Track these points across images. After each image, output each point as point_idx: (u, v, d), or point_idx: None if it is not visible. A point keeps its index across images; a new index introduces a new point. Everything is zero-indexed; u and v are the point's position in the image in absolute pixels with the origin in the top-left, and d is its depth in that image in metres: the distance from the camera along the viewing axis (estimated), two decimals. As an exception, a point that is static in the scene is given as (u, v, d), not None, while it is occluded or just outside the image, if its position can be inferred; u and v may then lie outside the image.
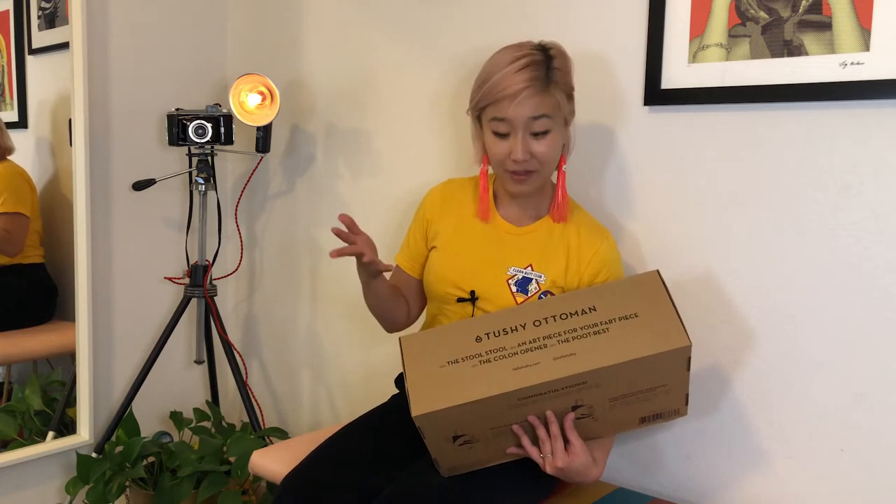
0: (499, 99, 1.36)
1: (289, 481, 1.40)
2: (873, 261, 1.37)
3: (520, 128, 1.37)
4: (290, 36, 2.24)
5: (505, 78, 1.35)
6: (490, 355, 1.28)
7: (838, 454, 1.43)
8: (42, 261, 2.11)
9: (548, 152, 1.39)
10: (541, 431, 1.27)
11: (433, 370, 1.29)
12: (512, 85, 1.34)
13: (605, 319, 1.27)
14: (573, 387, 1.23)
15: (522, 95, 1.34)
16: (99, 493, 1.95)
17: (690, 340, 1.21)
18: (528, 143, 1.38)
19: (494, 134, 1.40)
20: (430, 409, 1.23)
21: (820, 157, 1.41)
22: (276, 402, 2.43)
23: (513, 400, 1.23)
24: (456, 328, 1.35)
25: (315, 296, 2.28)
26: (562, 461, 1.26)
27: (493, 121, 1.39)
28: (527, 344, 1.27)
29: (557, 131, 1.40)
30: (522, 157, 1.38)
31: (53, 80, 2.06)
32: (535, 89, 1.35)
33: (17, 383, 2.16)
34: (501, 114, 1.37)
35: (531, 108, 1.35)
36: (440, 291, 1.51)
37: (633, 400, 1.27)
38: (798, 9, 1.40)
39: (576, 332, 1.26)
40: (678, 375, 1.25)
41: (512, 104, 1.35)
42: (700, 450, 1.59)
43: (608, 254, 1.46)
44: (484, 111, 1.41)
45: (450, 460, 1.32)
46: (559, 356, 1.23)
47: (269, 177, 2.35)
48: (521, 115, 1.36)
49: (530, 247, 1.48)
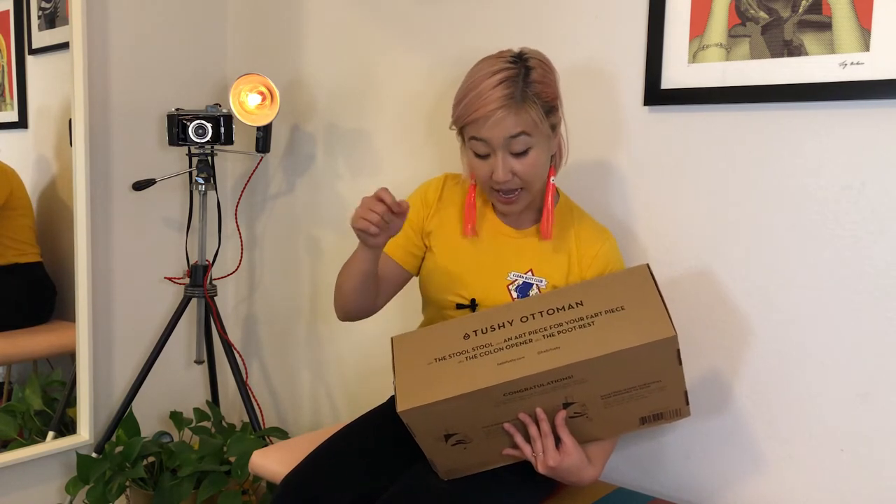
0: (474, 119, 1.32)
1: (289, 481, 1.39)
2: (873, 261, 1.37)
3: (498, 148, 1.33)
4: (290, 36, 2.24)
5: (479, 96, 1.31)
6: (476, 351, 1.28)
7: (838, 454, 1.43)
8: (39, 259, 2.11)
9: (530, 171, 1.35)
10: (532, 429, 1.26)
11: (420, 368, 1.29)
12: (486, 105, 1.30)
13: (592, 313, 1.26)
14: (559, 381, 1.22)
15: (496, 117, 1.30)
16: (99, 493, 1.95)
17: (676, 331, 1.19)
18: (508, 163, 1.34)
19: (475, 155, 1.37)
20: (413, 405, 1.23)
21: (820, 157, 1.41)
22: (276, 402, 2.43)
23: (498, 395, 1.23)
24: (446, 326, 1.35)
25: (315, 296, 2.28)
26: (553, 460, 1.25)
27: (472, 140, 1.36)
28: (513, 339, 1.27)
29: (540, 147, 1.35)
30: (504, 177, 1.34)
31: (53, 81, 2.06)
32: (508, 109, 1.29)
33: (17, 383, 2.16)
34: (478, 134, 1.33)
35: (506, 129, 1.31)
36: (439, 299, 1.49)
37: (626, 397, 1.26)
38: (798, 9, 1.40)
39: (561, 327, 1.26)
40: (670, 370, 1.24)
41: (486, 124, 1.31)
42: (700, 449, 1.59)
43: (610, 254, 1.45)
44: (464, 129, 1.38)
45: (446, 462, 1.32)
46: (543, 350, 1.23)
47: (269, 177, 2.35)
48: (496, 136, 1.32)
49: (529, 251, 1.46)
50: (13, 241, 2.06)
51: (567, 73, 1.65)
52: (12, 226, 2.05)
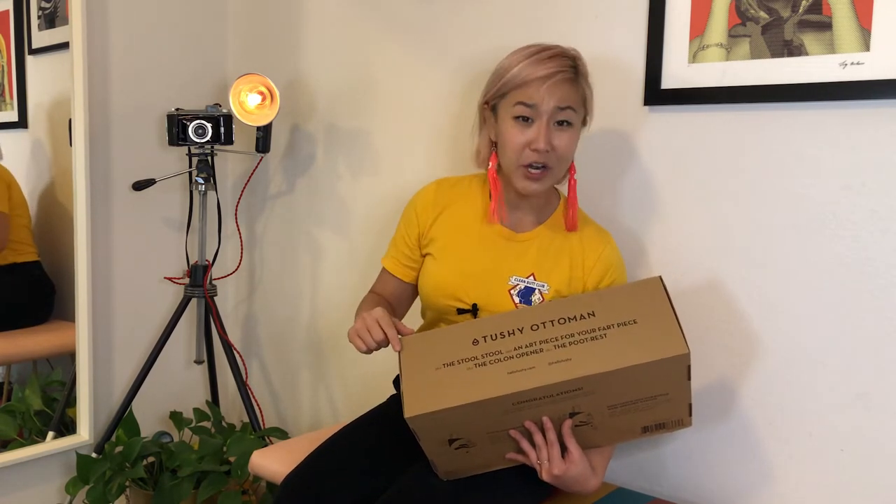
0: (528, 82, 1.33)
1: (289, 482, 1.39)
2: (873, 261, 1.37)
3: (545, 115, 1.34)
4: (290, 36, 2.24)
5: (534, 63, 1.33)
6: (486, 358, 1.26)
7: (838, 454, 1.43)
8: (37, 258, 2.11)
9: (567, 147, 1.37)
10: (537, 437, 1.25)
11: (428, 372, 1.28)
12: (543, 69, 1.33)
13: (604, 325, 1.25)
14: (568, 392, 1.21)
15: (555, 79, 1.32)
16: (99, 493, 1.95)
17: (689, 348, 1.19)
18: (550, 133, 1.35)
19: (516, 120, 1.36)
20: (422, 411, 1.22)
21: (820, 157, 1.41)
22: (276, 402, 2.43)
23: (507, 404, 1.22)
24: (454, 331, 1.34)
25: (315, 296, 2.28)
26: (558, 468, 1.25)
27: (517, 105, 1.35)
28: (523, 348, 1.25)
29: (576, 129, 1.39)
30: (544, 146, 1.34)
31: (53, 80, 2.06)
32: (566, 76, 1.34)
33: (17, 383, 2.16)
34: (528, 98, 1.34)
35: (560, 95, 1.33)
36: (440, 304, 1.47)
37: (633, 408, 1.25)
38: (798, 9, 1.40)
39: (573, 338, 1.25)
40: (678, 384, 1.23)
41: (542, 87, 1.32)
42: (700, 450, 1.59)
43: (611, 258, 1.44)
44: (505, 98, 1.37)
45: (447, 464, 1.32)
46: (554, 361, 1.22)
47: (269, 177, 2.35)
48: (548, 101, 1.33)
49: (531, 254, 1.45)
50: (10, 241, 2.06)
51: (567, 73, 1.65)
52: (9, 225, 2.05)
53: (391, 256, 1.58)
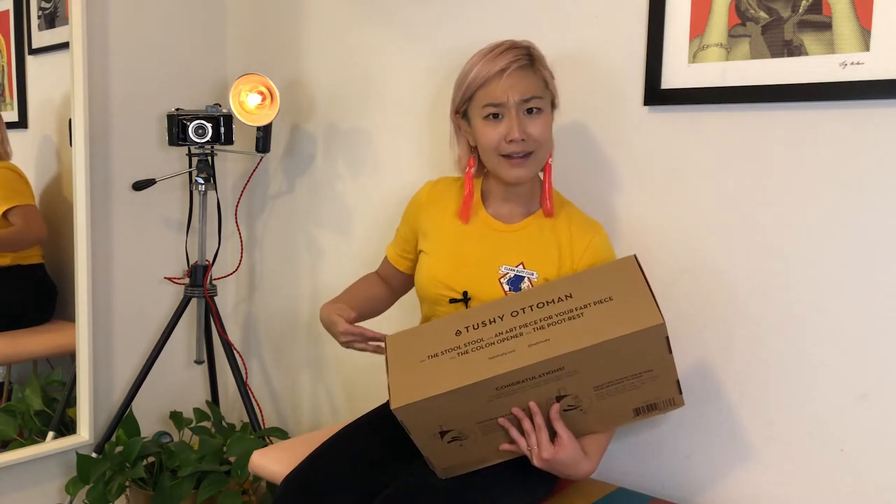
0: (488, 78, 1.39)
1: (289, 482, 1.40)
2: (873, 261, 1.37)
3: (512, 107, 1.39)
4: (290, 36, 2.24)
5: (489, 61, 1.40)
6: (468, 347, 1.28)
7: (838, 454, 1.43)
8: (41, 261, 2.12)
9: (542, 132, 1.41)
10: (526, 423, 1.27)
11: (413, 365, 1.30)
12: (500, 63, 1.38)
13: (580, 305, 1.27)
14: (551, 373, 1.22)
15: (510, 70, 1.37)
16: (99, 493, 1.95)
17: (663, 318, 1.20)
18: (522, 122, 1.39)
19: (486, 119, 1.41)
20: (406, 402, 1.24)
21: (820, 157, 1.41)
22: (276, 402, 2.43)
23: (490, 390, 1.23)
24: (438, 324, 1.36)
25: (315, 296, 2.28)
26: (547, 453, 1.26)
27: (485, 106, 1.41)
28: (503, 334, 1.28)
29: (548, 113, 1.43)
30: (519, 134, 1.38)
31: (53, 80, 2.06)
32: (520, 65, 1.39)
33: (17, 383, 2.16)
34: (492, 97, 1.39)
35: (521, 88, 1.38)
36: (432, 293, 1.51)
37: (619, 388, 1.26)
38: (798, 9, 1.40)
39: (551, 319, 1.26)
40: (661, 359, 1.24)
41: (500, 81, 1.38)
42: (700, 449, 1.59)
43: (600, 246, 1.46)
44: (472, 102, 1.43)
45: (443, 460, 1.32)
46: (533, 343, 1.24)
47: (269, 177, 2.36)
48: (512, 95, 1.38)
49: (520, 244, 1.47)
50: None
51: (567, 72, 1.65)
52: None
53: (393, 246, 1.68)
